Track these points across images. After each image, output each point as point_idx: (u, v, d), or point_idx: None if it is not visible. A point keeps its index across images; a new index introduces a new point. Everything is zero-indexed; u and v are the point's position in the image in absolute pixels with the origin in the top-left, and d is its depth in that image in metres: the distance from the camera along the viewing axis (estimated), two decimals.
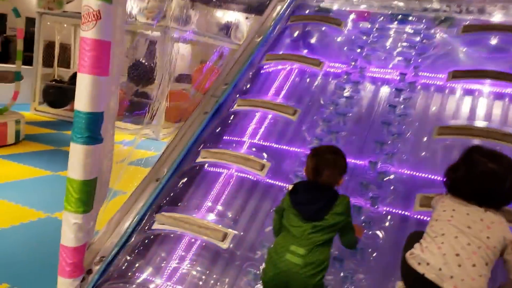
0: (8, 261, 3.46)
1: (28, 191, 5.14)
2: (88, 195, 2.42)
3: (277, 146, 3.17)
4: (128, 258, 2.67)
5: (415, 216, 2.58)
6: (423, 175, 2.76)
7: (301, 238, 1.98)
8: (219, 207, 2.88)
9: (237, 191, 2.99)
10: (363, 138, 3.04)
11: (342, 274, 2.35)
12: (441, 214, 1.94)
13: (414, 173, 2.79)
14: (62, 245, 2.45)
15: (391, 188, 2.76)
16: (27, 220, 4.32)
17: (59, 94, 10.18)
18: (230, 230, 2.59)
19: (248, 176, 2.99)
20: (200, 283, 2.57)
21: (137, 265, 2.68)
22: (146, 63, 10.11)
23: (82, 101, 2.24)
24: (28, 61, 10.54)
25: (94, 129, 2.32)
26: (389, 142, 2.95)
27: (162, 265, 2.66)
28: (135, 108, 8.68)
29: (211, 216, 2.76)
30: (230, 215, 2.81)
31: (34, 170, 5.95)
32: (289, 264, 1.93)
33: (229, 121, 3.30)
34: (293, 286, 1.94)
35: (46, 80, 10.47)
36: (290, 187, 2.17)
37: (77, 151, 2.33)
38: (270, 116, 3.31)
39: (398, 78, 3.23)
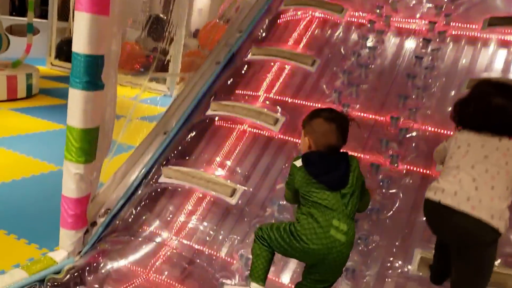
0: (17, 212, 3.40)
1: (40, 144, 5.07)
2: (90, 144, 2.29)
3: (293, 100, 2.97)
4: (134, 211, 2.57)
5: (437, 176, 2.40)
6: (448, 132, 2.55)
7: (337, 210, 1.82)
8: (230, 163, 2.74)
9: (250, 147, 2.83)
10: (385, 91, 2.83)
11: (356, 235, 2.19)
12: (455, 151, 1.85)
13: (439, 130, 2.59)
14: (63, 195, 2.36)
15: (413, 145, 2.57)
16: (38, 172, 4.26)
17: None
18: (239, 185, 2.45)
19: (261, 132, 2.82)
20: (208, 238, 2.47)
21: (143, 218, 2.58)
22: (165, 18, 9.82)
23: (80, 42, 2.07)
24: (44, 15, 10.35)
25: (93, 74, 2.16)
26: (414, 96, 2.74)
27: (169, 219, 2.56)
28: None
29: (221, 172, 2.62)
30: (240, 171, 2.67)
31: (47, 124, 5.88)
32: (334, 241, 1.79)
33: (243, 72, 3.11)
34: (331, 260, 1.82)
35: (62, 34, 10.31)
36: (298, 163, 1.93)
37: (76, 97, 2.19)
38: (287, 68, 3.10)
39: (427, 27, 2.97)
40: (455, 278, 1.82)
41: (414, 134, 2.58)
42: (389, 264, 2.15)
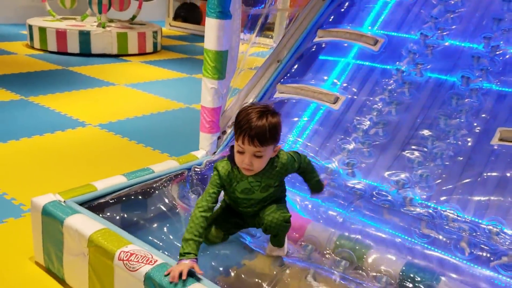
0: (155, 134, 4.21)
1: (169, 88, 5.91)
2: (222, 64, 2.87)
3: (395, 34, 3.27)
4: None
5: None
6: None
7: None
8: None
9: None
10: (480, 14, 3.04)
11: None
12: None
13: None
14: (202, 106, 2.99)
15: (504, 63, 2.79)
16: (170, 108, 5.06)
17: (191, 11, 11.07)
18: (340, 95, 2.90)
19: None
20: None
21: None
22: None
23: None
24: None
25: (224, 5, 2.70)
26: (506, 19, 2.93)
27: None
28: None
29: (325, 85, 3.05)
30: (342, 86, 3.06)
31: (173, 73, 6.74)
32: None
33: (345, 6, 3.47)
34: None
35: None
36: None
37: (211, 25, 2.76)
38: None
39: None
40: None
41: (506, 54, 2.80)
42: None
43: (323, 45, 3.33)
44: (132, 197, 2.42)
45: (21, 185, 3.07)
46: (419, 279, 1.93)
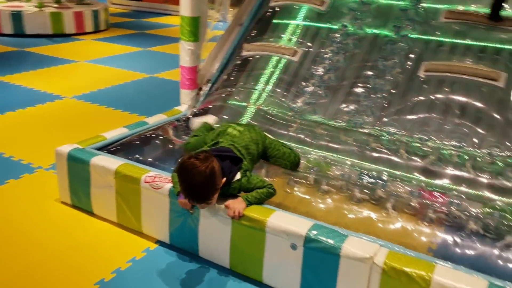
0: (125, 100, 4.64)
1: (128, 61, 6.25)
2: (196, 28, 3.36)
3: None
4: (226, 77, 3.63)
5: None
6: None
7: None
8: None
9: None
10: None
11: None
12: None
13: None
14: (181, 66, 3.47)
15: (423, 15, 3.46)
16: (135, 78, 5.45)
17: None
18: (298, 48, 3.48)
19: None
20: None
21: (233, 82, 3.63)
22: None
23: None
24: None
25: None
26: None
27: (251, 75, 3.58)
28: None
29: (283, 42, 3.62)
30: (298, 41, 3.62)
31: (127, 48, 7.04)
32: None
33: None
34: None
35: None
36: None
37: None
38: None
39: None
40: None
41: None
42: None
43: (277, 9, 3.87)
44: (137, 142, 2.90)
45: (22, 149, 3.44)
46: (373, 174, 2.58)
